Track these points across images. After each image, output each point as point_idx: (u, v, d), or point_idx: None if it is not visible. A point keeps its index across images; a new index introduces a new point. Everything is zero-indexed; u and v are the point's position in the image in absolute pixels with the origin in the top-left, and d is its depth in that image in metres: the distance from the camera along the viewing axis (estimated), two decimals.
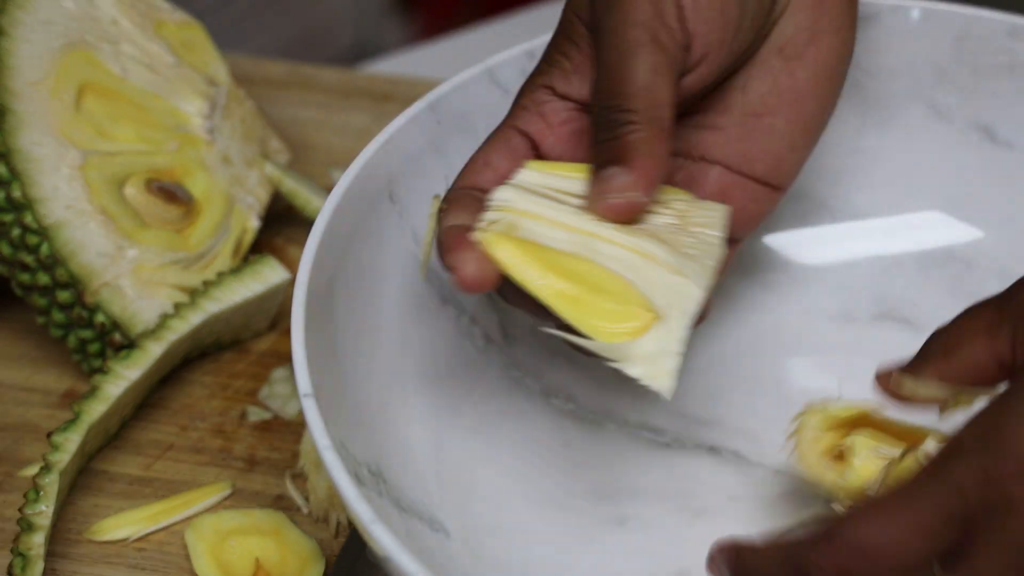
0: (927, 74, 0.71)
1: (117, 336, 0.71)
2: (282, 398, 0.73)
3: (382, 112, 0.91)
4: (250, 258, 0.76)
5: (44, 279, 0.70)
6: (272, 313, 0.77)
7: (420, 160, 0.65)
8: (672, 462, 0.66)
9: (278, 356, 0.76)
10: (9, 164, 0.70)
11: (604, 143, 0.56)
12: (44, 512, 0.64)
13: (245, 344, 0.77)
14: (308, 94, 0.92)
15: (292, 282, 0.74)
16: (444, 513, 0.62)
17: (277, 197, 0.81)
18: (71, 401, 0.72)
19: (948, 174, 0.72)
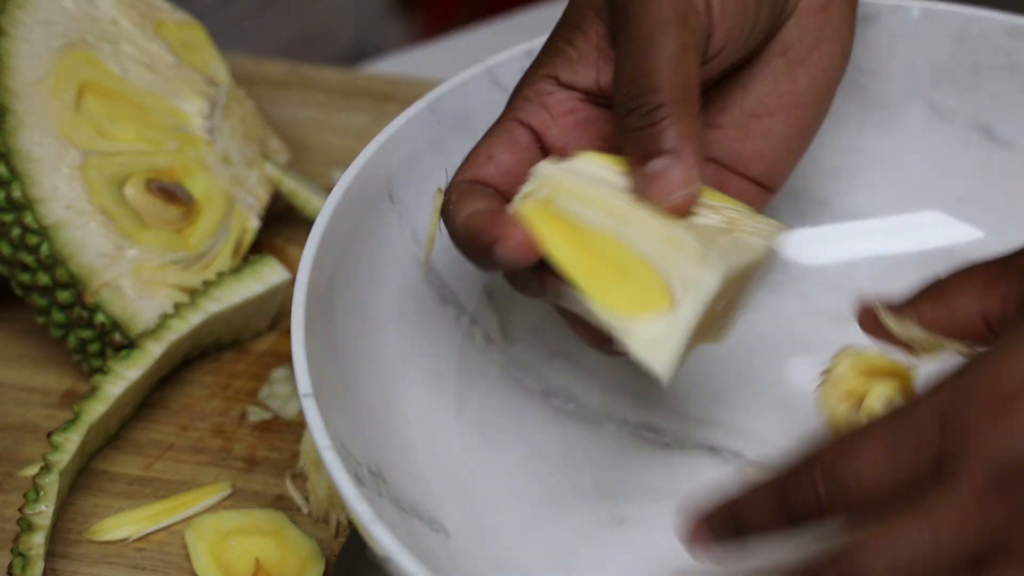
0: (927, 74, 0.71)
1: (117, 336, 0.71)
2: (282, 398, 0.73)
3: (382, 112, 0.91)
4: (250, 258, 0.76)
5: (44, 279, 0.70)
6: (272, 313, 0.77)
7: (420, 160, 0.65)
8: (672, 462, 0.66)
9: (278, 356, 0.76)
10: (9, 164, 0.70)
11: (640, 131, 0.55)
12: (44, 512, 0.64)
13: (245, 344, 0.77)
14: (308, 94, 0.92)
15: (292, 282, 0.74)
16: (444, 513, 0.62)
17: (277, 197, 0.81)
18: (71, 401, 0.72)
19: (948, 174, 0.72)
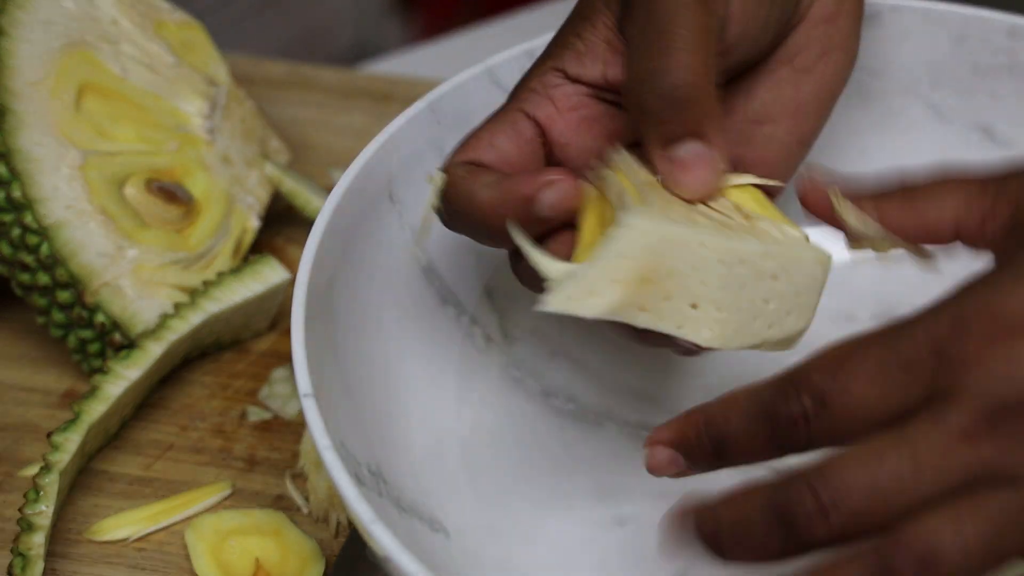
0: (927, 74, 0.71)
1: (117, 336, 0.71)
2: (282, 398, 0.73)
3: (382, 112, 0.91)
4: (250, 258, 0.76)
5: (44, 279, 0.70)
6: (272, 313, 0.77)
7: (420, 160, 0.65)
8: None
9: (278, 356, 0.76)
10: (9, 164, 0.70)
11: (661, 112, 0.54)
12: (44, 512, 0.64)
13: (245, 344, 0.77)
14: (308, 94, 0.92)
15: (292, 282, 0.74)
16: (444, 513, 0.62)
17: (277, 197, 0.81)
18: (71, 401, 0.72)
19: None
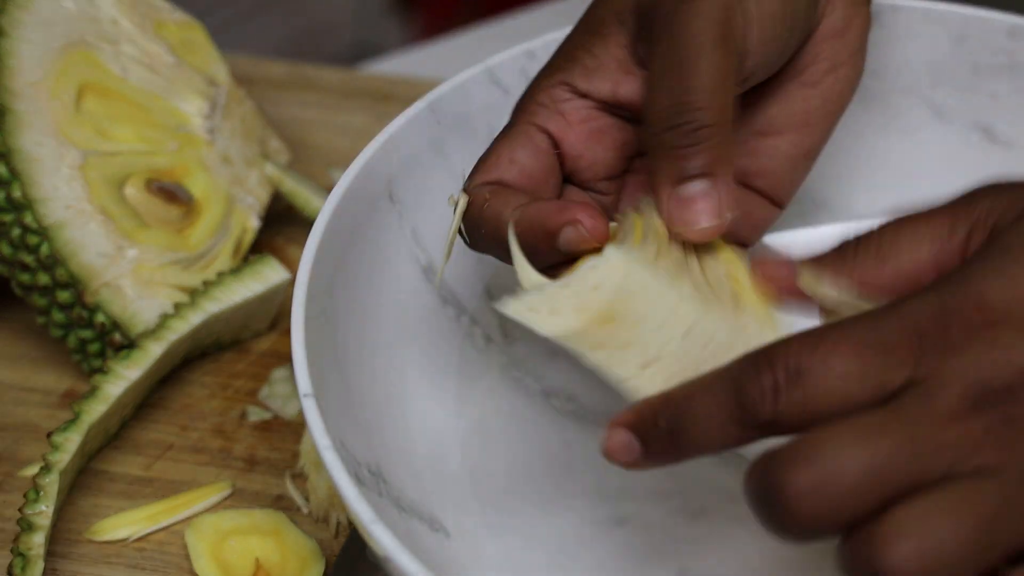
0: (927, 74, 0.71)
1: (117, 336, 0.71)
2: (282, 398, 0.73)
3: (382, 112, 0.91)
4: (250, 258, 0.76)
5: (44, 279, 0.70)
6: (272, 313, 0.77)
7: (420, 160, 0.65)
8: None
9: (278, 356, 0.76)
10: (9, 164, 0.70)
11: (679, 150, 0.54)
12: (44, 512, 0.64)
13: (245, 344, 0.77)
14: (308, 94, 0.92)
15: (292, 282, 0.74)
16: (444, 513, 0.62)
17: (277, 197, 0.81)
18: (71, 401, 0.72)
19: (948, 174, 0.72)
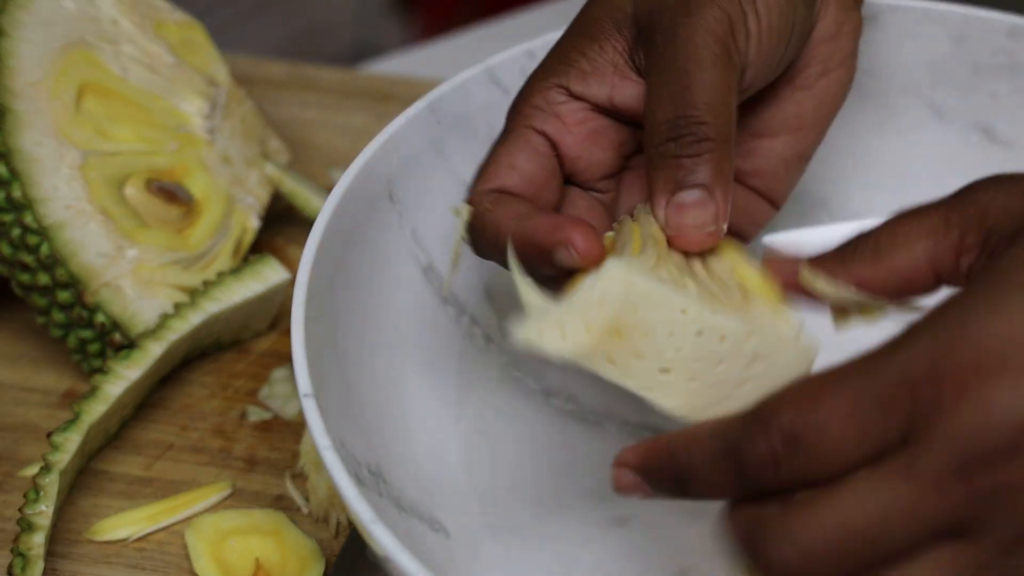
0: (926, 74, 0.71)
1: (117, 336, 0.71)
2: (282, 398, 0.74)
3: (382, 112, 0.91)
4: (250, 258, 0.76)
5: (44, 279, 0.70)
6: (272, 313, 0.77)
7: (420, 160, 0.65)
8: None
9: (278, 356, 0.76)
10: (9, 164, 0.70)
11: (679, 159, 0.54)
12: (44, 512, 0.64)
13: (245, 344, 0.77)
14: (308, 94, 0.92)
15: (292, 282, 0.74)
16: (444, 513, 0.62)
17: (277, 197, 0.81)
18: (71, 401, 0.72)
19: (948, 174, 0.72)
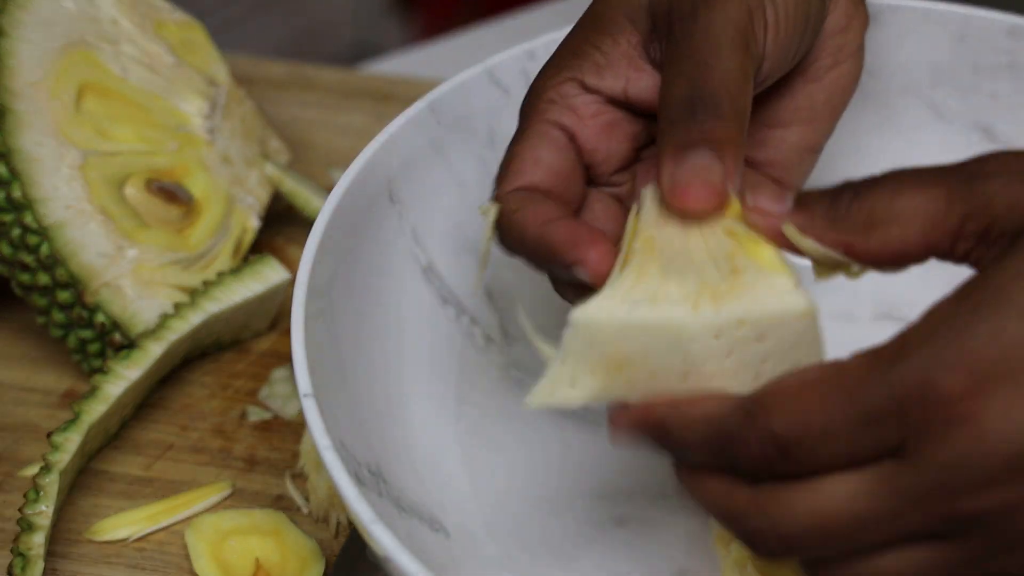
0: (927, 74, 0.71)
1: (117, 336, 0.71)
2: (282, 398, 0.73)
3: (382, 112, 0.91)
4: (250, 258, 0.76)
5: (44, 279, 0.70)
6: (272, 313, 0.77)
7: (420, 160, 0.65)
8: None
9: (278, 356, 0.76)
10: (9, 164, 0.70)
11: (689, 127, 0.52)
12: (44, 512, 0.64)
13: (245, 344, 0.77)
14: (308, 94, 0.92)
15: (292, 282, 0.74)
16: (444, 513, 0.62)
17: (277, 197, 0.81)
18: (71, 401, 0.72)
19: None
